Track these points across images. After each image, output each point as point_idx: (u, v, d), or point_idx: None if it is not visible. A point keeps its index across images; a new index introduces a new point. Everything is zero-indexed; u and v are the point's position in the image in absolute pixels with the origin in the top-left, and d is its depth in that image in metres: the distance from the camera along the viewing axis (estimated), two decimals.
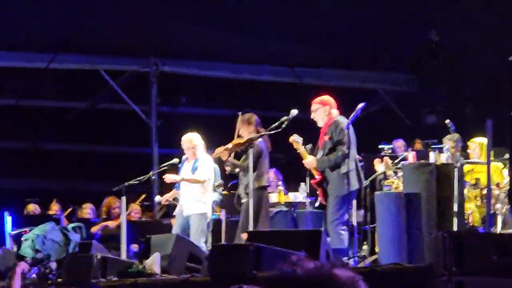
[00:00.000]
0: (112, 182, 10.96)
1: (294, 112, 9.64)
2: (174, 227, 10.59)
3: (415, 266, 7.81)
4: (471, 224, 10.08)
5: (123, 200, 10.43)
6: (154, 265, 8.86)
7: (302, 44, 15.71)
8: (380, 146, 12.44)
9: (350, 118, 9.35)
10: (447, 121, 10.83)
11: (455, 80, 15.71)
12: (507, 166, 10.12)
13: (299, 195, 11.46)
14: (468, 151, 10.92)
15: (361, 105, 9.33)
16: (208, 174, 10.50)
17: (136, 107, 16.30)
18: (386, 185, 10.60)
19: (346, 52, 15.94)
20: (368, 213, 10.79)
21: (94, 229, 12.80)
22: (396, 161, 11.20)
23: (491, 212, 9.54)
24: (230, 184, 11.67)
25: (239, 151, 10.32)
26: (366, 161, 10.88)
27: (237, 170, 10.40)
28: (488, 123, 8.96)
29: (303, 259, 2.84)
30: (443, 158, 10.14)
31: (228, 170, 10.58)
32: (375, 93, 16.86)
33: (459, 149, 10.51)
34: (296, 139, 9.54)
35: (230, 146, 10.26)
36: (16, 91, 16.61)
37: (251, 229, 9.44)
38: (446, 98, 15.79)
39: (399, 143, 13.01)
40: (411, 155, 10.69)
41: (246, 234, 8.88)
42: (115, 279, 8.57)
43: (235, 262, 7.61)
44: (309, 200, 11.15)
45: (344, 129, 9.32)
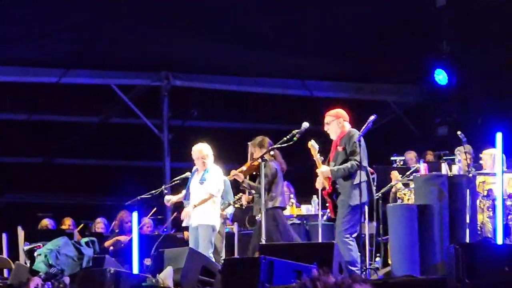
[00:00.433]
0: (125, 196, 11.01)
1: (306, 125, 9.67)
2: (190, 241, 10.57)
3: (428, 278, 7.81)
4: (484, 235, 10.06)
5: (135, 214, 10.45)
6: (167, 279, 8.88)
7: (312, 57, 15.73)
8: (392, 158, 12.44)
9: (362, 130, 9.37)
10: (459, 132, 10.84)
11: (466, 91, 15.69)
12: None
13: (311, 208, 11.47)
14: (481, 162, 10.92)
15: (372, 117, 9.35)
16: (217, 187, 10.50)
17: (148, 121, 16.36)
18: (398, 197, 10.62)
19: (357, 65, 15.97)
20: (381, 225, 10.79)
21: (107, 243, 12.84)
22: (408, 173, 11.20)
23: (504, 223, 9.53)
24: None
25: (255, 173, 10.38)
26: (378, 173, 10.88)
27: (253, 192, 10.48)
28: (499, 136, 8.97)
29: (325, 273, 2.86)
30: (455, 170, 10.15)
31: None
32: (386, 105, 16.87)
33: (471, 160, 10.51)
34: (314, 145, 9.56)
35: (244, 168, 10.32)
36: (28, 106, 16.70)
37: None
38: (457, 110, 15.78)
39: (410, 155, 13.01)
40: (423, 167, 10.68)
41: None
42: None
43: (248, 276, 7.62)
44: (321, 212, 11.15)
45: (356, 141, 9.35)
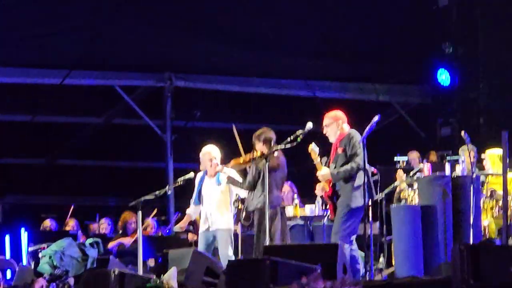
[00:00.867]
0: (128, 197, 11.00)
1: (309, 125, 9.64)
2: (201, 246, 10.47)
3: (432, 279, 7.79)
4: (488, 236, 10.06)
5: (139, 215, 10.44)
6: (172, 279, 8.88)
7: (316, 57, 15.73)
8: (395, 159, 12.44)
9: (366, 131, 9.34)
10: (463, 132, 10.83)
11: (469, 91, 15.70)
12: None
13: (315, 209, 11.46)
14: (484, 163, 10.92)
15: (376, 118, 9.32)
16: (238, 177, 10.45)
17: (151, 122, 16.36)
18: (402, 198, 10.62)
19: (360, 66, 15.97)
20: (384, 225, 10.79)
21: (111, 244, 12.85)
22: (411, 173, 11.20)
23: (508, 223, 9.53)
24: None
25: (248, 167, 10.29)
26: (381, 173, 10.88)
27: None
28: (504, 135, 8.97)
29: (314, 279, 2.88)
30: (459, 170, 10.15)
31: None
32: (389, 105, 16.87)
33: (475, 160, 10.50)
34: (314, 149, 9.54)
35: (241, 161, 10.29)
36: (31, 107, 16.70)
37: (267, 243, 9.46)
38: (460, 110, 15.78)
39: (413, 155, 13.02)
40: (426, 167, 10.68)
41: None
42: None
43: (252, 277, 7.62)
44: (325, 213, 11.15)
45: (360, 142, 9.32)
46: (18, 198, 17.50)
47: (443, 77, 15.60)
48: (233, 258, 10.03)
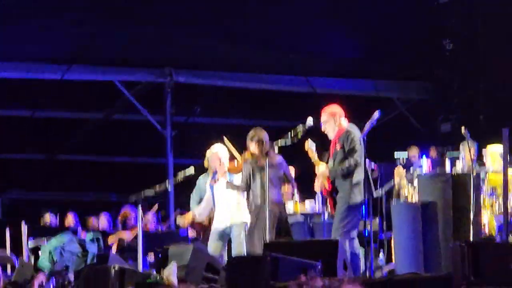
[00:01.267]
0: (128, 193, 11.00)
1: (310, 120, 9.62)
2: (212, 244, 10.40)
3: (433, 276, 7.80)
4: (487, 233, 10.05)
5: (139, 211, 10.44)
6: (172, 275, 8.88)
7: (316, 53, 15.72)
8: (395, 155, 12.42)
9: (366, 127, 9.31)
10: (463, 128, 10.81)
11: (469, 88, 15.69)
12: None
13: (315, 205, 11.45)
14: (484, 159, 10.89)
15: (376, 114, 9.30)
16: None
17: (151, 118, 16.35)
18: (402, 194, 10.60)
19: (360, 61, 15.96)
20: (384, 221, 10.78)
21: (110, 240, 12.84)
22: (412, 169, 11.18)
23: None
24: None
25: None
26: (381, 170, 10.88)
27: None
28: (504, 132, 8.95)
29: (312, 278, 2.88)
30: (459, 166, 10.14)
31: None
32: (389, 101, 16.86)
33: (475, 157, 10.48)
34: (311, 147, 9.52)
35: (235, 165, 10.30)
36: (31, 102, 16.70)
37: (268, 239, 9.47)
38: (460, 106, 15.78)
39: (413, 151, 13.00)
40: (427, 164, 10.67)
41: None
42: None
43: (253, 273, 7.62)
44: (325, 209, 11.14)
45: (359, 138, 9.29)
46: (18, 193, 17.50)
47: (443, 73, 15.61)
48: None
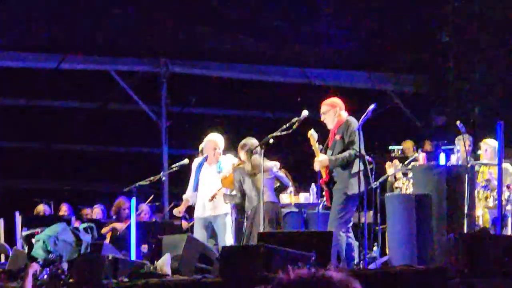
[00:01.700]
0: (122, 183, 10.99)
1: (305, 113, 9.63)
2: (197, 233, 10.42)
3: (427, 268, 7.81)
4: (482, 226, 10.07)
5: (133, 201, 10.44)
6: (165, 266, 8.88)
7: (312, 45, 15.71)
8: (390, 148, 12.43)
9: (361, 119, 9.33)
10: (458, 122, 10.83)
11: (464, 81, 15.69)
12: None
13: (309, 196, 11.45)
14: (479, 152, 10.91)
15: (372, 106, 9.31)
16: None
17: (146, 108, 16.33)
18: (396, 187, 10.61)
19: (356, 54, 15.95)
20: (378, 214, 10.79)
21: (104, 230, 12.84)
22: (406, 162, 11.20)
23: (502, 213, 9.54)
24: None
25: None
26: (376, 162, 10.87)
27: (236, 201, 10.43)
28: (498, 125, 8.96)
29: (299, 268, 2.95)
30: (454, 159, 10.15)
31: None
32: (384, 94, 16.85)
33: (470, 150, 10.50)
34: (314, 134, 9.53)
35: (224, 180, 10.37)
36: (27, 91, 16.66)
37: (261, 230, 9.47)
38: (455, 99, 15.78)
39: (408, 144, 13.02)
40: (421, 156, 10.68)
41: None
42: (126, 280, 8.59)
43: (246, 263, 7.63)
44: (320, 201, 11.15)
45: (355, 130, 9.32)
46: (12, 182, 17.46)
47: (439, 66, 15.60)
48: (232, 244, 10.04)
